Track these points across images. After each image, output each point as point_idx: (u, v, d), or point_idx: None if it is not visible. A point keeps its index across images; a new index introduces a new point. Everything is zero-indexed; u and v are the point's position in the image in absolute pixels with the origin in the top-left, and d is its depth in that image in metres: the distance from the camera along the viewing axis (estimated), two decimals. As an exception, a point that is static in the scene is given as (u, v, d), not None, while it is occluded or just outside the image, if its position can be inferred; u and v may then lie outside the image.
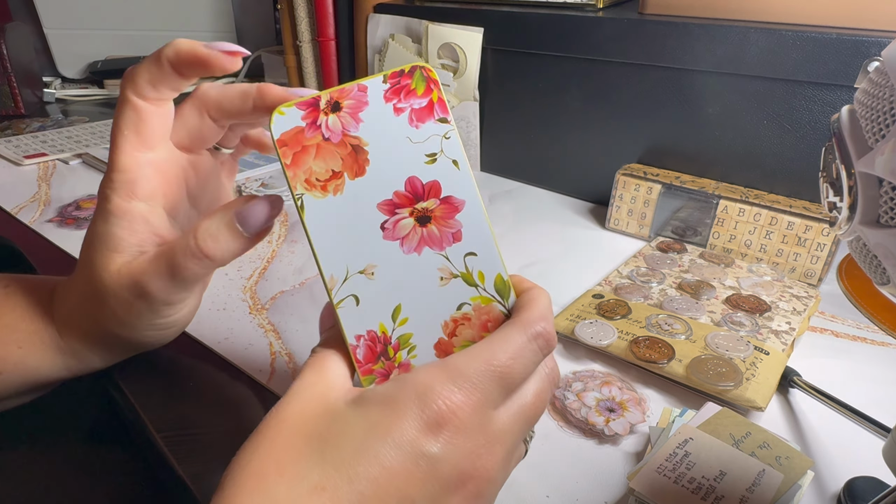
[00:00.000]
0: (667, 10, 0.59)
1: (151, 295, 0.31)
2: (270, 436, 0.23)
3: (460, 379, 0.23)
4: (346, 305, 0.26)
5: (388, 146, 0.26)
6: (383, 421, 0.23)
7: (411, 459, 0.22)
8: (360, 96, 0.26)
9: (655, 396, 0.39)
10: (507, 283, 0.26)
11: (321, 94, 0.26)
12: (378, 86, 0.26)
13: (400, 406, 0.23)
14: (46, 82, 1.08)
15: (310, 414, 0.24)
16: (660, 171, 0.59)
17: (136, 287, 0.31)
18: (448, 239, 0.26)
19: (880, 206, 0.20)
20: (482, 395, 0.24)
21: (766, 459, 0.32)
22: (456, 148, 0.27)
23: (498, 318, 0.26)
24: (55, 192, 0.67)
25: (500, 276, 0.26)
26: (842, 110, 0.21)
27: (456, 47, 0.68)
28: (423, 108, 0.27)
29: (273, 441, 0.23)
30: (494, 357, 0.24)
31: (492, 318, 0.26)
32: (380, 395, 0.24)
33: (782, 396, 0.39)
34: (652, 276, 0.50)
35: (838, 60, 0.48)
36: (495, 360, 0.24)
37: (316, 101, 0.26)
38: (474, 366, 0.24)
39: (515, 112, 0.69)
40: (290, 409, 0.24)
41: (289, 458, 0.23)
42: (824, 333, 0.46)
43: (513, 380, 0.24)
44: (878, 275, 0.21)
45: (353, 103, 0.26)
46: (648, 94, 0.59)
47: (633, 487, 0.30)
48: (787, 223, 0.51)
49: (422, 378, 0.24)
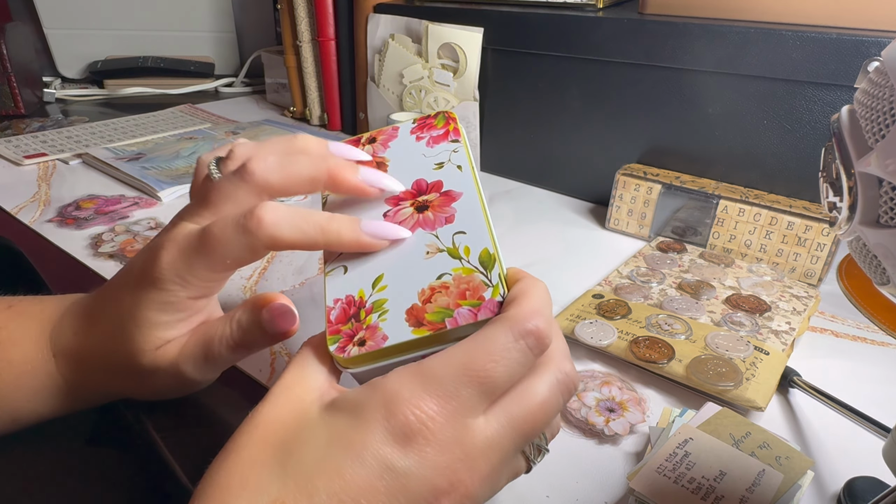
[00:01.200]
0: (667, 10, 0.59)
1: (185, 375, 0.30)
2: (241, 444, 0.22)
3: (433, 384, 0.22)
4: (335, 274, 0.27)
5: (404, 160, 0.31)
6: (347, 431, 0.21)
7: (375, 473, 0.21)
8: (391, 133, 0.33)
9: (655, 396, 0.39)
10: (492, 256, 0.26)
11: (363, 134, 0.33)
12: (407, 125, 0.32)
13: (366, 414, 0.21)
14: (46, 82, 1.08)
15: (281, 421, 0.23)
16: (660, 171, 0.59)
17: (172, 368, 0.30)
18: (441, 221, 0.28)
19: (880, 206, 0.20)
20: (458, 402, 0.22)
21: (766, 459, 0.32)
22: (462, 156, 0.30)
23: (478, 288, 0.25)
24: (55, 192, 0.67)
25: (486, 250, 0.26)
26: (842, 110, 0.21)
27: (456, 47, 0.68)
28: (440, 135, 0.32)
29: (241, 451, 0.22)
30: (473, 360, 0.22)
31: (471, 288, 0.25)
32: (350, 401, 0.22)
33: (782, 396, 0.39)
34: (652, 276, 0.50)
35: (838, 60, 0.48)
36: (474, 364, 0.22)
37: (358, 138, 0.33)
38: (450, 370, 0.22)
39: (515, 112, 0.69)
40: (263, 415, 0.23)
41: (252, 470, 0.22)
42: (824, 333, 0.46)
43: (495, 385, 0.22)
44: (878, 275, 0.21)
45: (384, 137, 0.32)
46: (648, 94, 0.59)
47: (633, 487, 0.30)
48: (787, 223, 0.51)
49: (391, 384, 0.22)
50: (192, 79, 1.11)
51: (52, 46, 1.08)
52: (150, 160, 0.74)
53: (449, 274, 0.26)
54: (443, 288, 0.26)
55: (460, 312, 0.24)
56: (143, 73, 1.08)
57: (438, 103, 0.72)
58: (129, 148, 0.79)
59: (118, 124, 0.89)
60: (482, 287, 0.25)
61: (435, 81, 0.71)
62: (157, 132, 0.86)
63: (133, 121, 0.91)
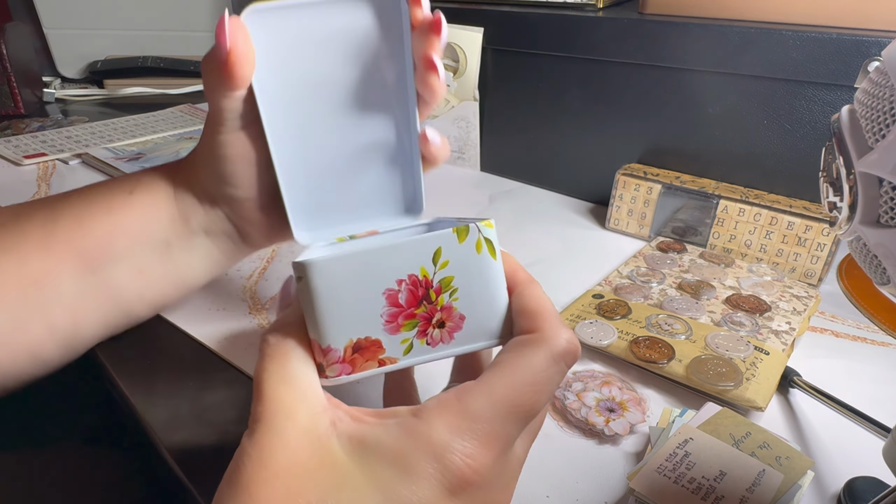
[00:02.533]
0: (667, 10, 0.59)
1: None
2: (261, 498, 0.20)
3: (481, 428, 0.21)
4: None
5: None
6: (397, 487, 0.20)
7: None
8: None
9: (655, 396, 0.39)
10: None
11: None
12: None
13: (416, 469, 0.20)
14: (46, 82, 1.08)
15: (302, 465, 0.20)
16: (660, 171, 0.59)
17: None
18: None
19: (880, 206, 0.20)
20: (504, 439, 0.21)
21: (766, 459, 0.31)
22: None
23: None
24: (55, 191, 0.67)
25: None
26: (842, 110, 0.21)
27: (456, 47, 0.68)
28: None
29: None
30: (519, 395, 0.21)
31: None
32: (387, 447, 0.21)
33: (782, 396, 0.39)
34: (652, 276, 0.50)
35: (838, 60, 0.48)
36: (520, 399, 0.21)
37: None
38: (497, 409, 0.21)
39: (515, 112, 0.69)
40: (275, 457, 0.20)
41: None
42: (824, 333, 0.46)
43: (536, 411, 0.22)
44: (878, 275, 0.21)
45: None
46: (648, 94, 0.59)
47: (633, 487, 0.30)
48: (787, 223, 0.51)
49: (438, 434, 0.21)
50: (192, 79, 1.11)
51: (52, 46, 1.08)
52: (149, 160, 0.74)
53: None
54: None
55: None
56: (142, 73, 1.08)
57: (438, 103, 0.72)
58: (129, 148, 0.79)
59: (118, 124, 0.89)
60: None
61: (435, 81, 0.71)
62: (157, 132, 0.86)
63: (133, 121, 0.91)
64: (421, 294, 0.24)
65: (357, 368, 0.24)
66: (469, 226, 0.23)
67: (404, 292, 0.23)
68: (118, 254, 0.35)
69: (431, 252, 0.23)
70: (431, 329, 0.24)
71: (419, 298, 0.24)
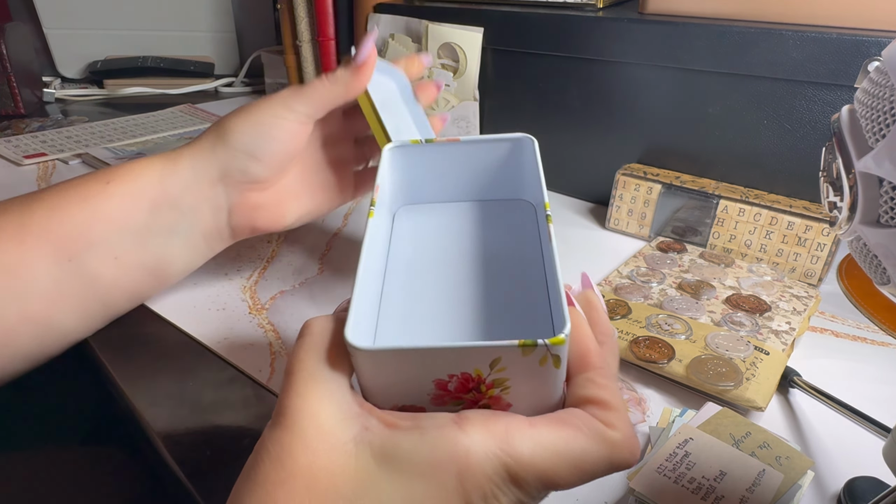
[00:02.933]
0: (667, 10, 0.59)
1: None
2: (280, 497, 0.19)
3: (516, 467, 0.21)
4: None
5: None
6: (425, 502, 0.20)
7: None
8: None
9: (655, 396, 0.39)
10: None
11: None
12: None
13: (447, 486, 0.20)
14: (46, 82, 1.08)
15: (327, 470, 0.20)
16: (660, 171, 0.59)
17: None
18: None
19: (880, 206, 0.20)
20: (529, 494, 0.21)
21: (766, 459, 0.32)
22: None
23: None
24: (55, 191, 0.67)
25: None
26: (842, 110, 0.21)
27: (456, 47, 0.68)
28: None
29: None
30: (559, 469, 0.21)
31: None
32: (421, 461, 0.20)
33: (782, 396, 0.39)
34: (652, 275, 0.50)
35: (838, 60, 0.48)
36: (558, 473, 0.21)
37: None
38: (534, 463, 0.21)
39: (515, 112, 0.69)
40: (298, 459, 0.20)
41: None
42: (824, 333, 0.46)
43: (564, 488, 0.22)
44: (878, 275, 0.21)
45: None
46: (648, 94, 0.59)
47: (633, 487, 0.30)
48: (787, 223, 0.51)
49: (476, 457, 0.20)
50: (192, 79, 1.11)
51: (52, 46, 1.08)
52: (149, 160, 0.74)
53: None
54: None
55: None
56: (142, 73, 1.08)
57: (439, 103, 0.72)
58: (129, 148, 0.79)
59: (118, 124, 0.89)
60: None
61: (435, 81, 0.71)
62: (157, 132, 0.86)
63: (133, 121, 0.91)
64: (471, 386, 0.23)
65: None
66: (537, 344, 0.21)
67: (454, 384, 0.22)
68: (95, 240, 0.35)
69: (490, 360, 0.22)
70: (476, 407, 0.24)
71: (469, 389, 0.23)
